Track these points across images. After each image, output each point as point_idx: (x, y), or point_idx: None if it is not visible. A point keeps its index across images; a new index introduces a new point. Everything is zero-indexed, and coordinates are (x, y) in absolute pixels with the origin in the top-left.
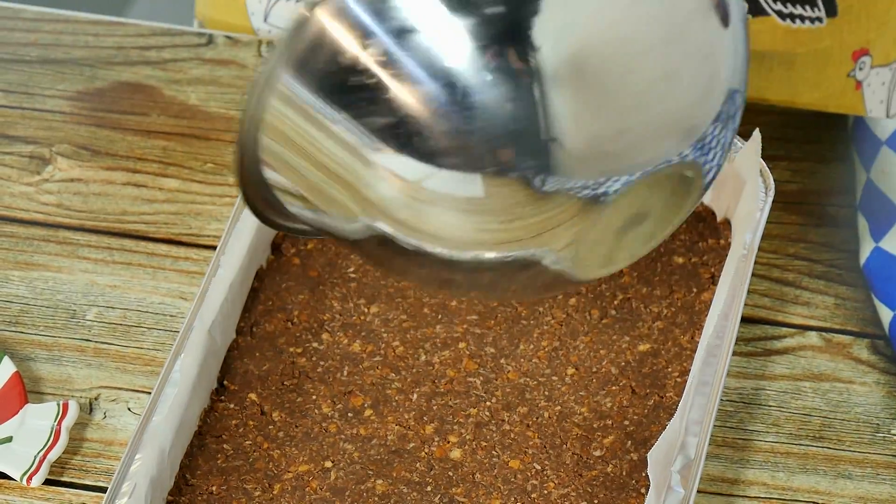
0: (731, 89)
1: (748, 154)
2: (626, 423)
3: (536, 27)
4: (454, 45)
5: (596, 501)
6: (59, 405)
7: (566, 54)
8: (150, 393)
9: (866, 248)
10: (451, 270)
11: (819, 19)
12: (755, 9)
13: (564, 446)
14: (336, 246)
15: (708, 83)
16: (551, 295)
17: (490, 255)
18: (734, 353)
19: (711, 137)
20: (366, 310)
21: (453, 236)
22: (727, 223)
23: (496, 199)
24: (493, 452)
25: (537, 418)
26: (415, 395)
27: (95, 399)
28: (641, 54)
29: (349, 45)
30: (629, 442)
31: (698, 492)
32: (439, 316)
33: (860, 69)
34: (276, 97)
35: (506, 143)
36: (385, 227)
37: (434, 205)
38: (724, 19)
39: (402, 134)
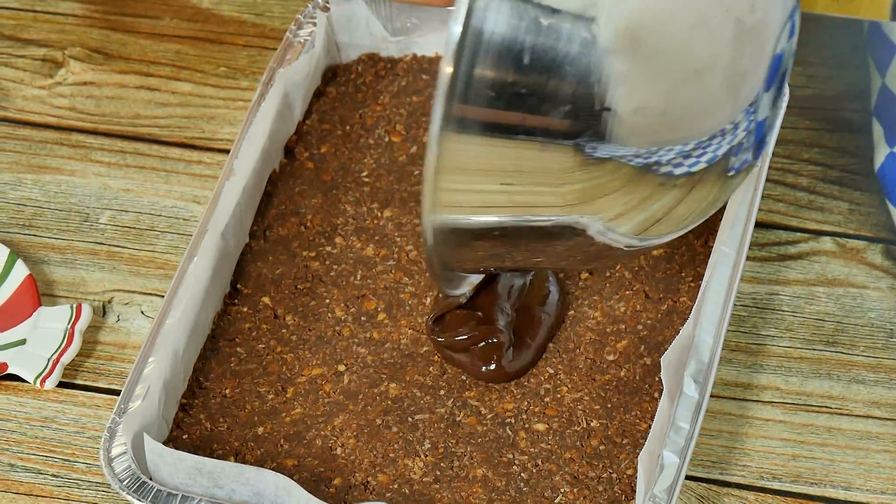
0: (780, 54)
1: None
2: (640, 327)
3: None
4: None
5: (609, 405)
6: (72, 308)
7: (621, 25)
8: (163, 296)
9: (881, 154)
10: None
11: None
12: None
13: (577, 350)
14: (351, 151)
15: (758, 50)
16: (596, 266)
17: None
18: (748, 258)
19: (762, 103)
20: (379, 214)
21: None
22: None
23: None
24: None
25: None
26: (428, 300)
27: (108, 302)
28: (693, 26)
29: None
30: (642, 346)
31: (711, 396)
32: None
33: None
34: (446, 174)
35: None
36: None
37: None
38: None
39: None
